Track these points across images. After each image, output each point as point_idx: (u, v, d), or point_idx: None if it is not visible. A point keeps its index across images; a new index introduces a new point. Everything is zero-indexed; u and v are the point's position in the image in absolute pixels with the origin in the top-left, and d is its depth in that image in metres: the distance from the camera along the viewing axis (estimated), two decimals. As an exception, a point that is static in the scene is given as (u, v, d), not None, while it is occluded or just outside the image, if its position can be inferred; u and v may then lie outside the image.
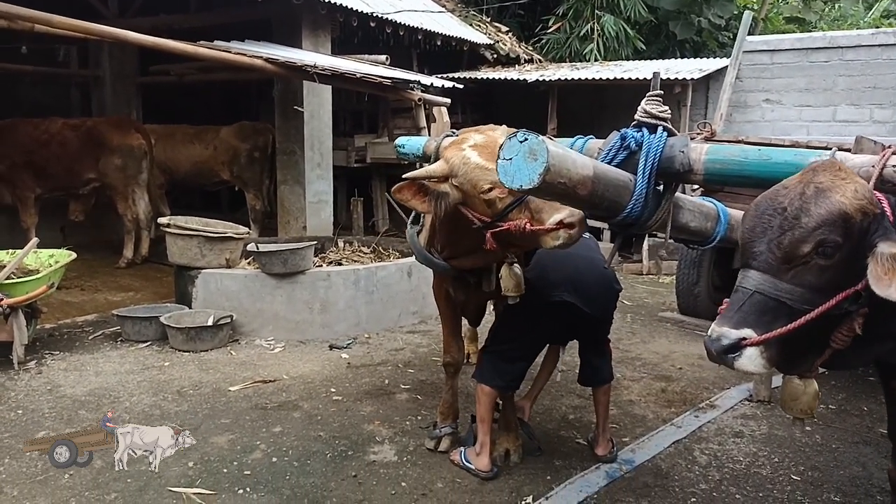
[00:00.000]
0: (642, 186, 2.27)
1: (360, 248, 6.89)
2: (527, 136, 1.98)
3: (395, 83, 6.81)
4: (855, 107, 9.17)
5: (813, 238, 1.76)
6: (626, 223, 2.35)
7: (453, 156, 2.85)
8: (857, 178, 1.83)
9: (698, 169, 2.29)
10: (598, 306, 3.36)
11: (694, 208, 2.63)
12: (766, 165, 2.16)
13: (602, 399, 3.64)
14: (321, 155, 8.08)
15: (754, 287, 1.80)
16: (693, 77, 9.20)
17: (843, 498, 3.28)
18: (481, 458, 3.39)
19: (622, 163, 2.37)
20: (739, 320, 1.78)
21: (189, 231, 5.56)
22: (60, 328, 5.59)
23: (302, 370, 4.82)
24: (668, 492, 3.30)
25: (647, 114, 2.41)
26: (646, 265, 8.55)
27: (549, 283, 3.26)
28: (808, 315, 1.74)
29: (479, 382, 3.44)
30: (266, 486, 3.25)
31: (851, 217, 1.75)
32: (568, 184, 2.03)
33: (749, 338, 1.75)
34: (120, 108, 9.22)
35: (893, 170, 1.89)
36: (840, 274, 1.77)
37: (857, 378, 4.84)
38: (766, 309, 1.77)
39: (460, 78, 10.22)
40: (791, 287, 1.77)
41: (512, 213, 2.72)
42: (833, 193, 1.78)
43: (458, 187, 2.85)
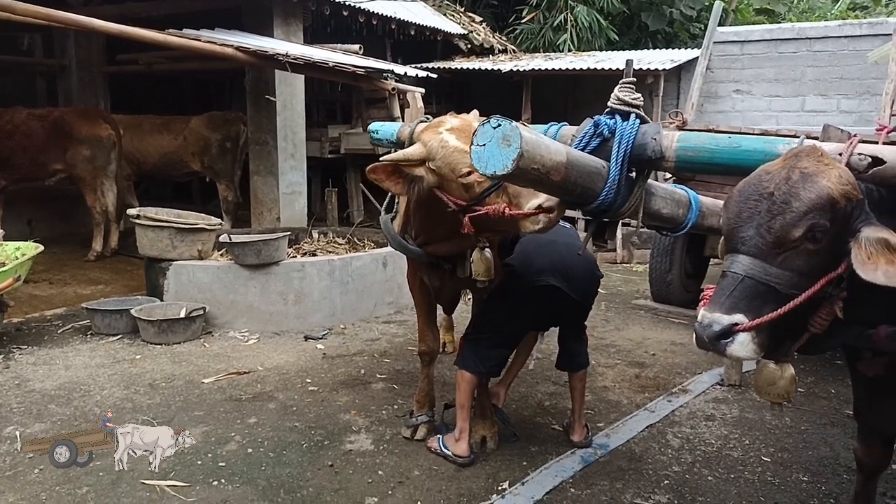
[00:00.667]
0: (615, 173, 2.28)
1: (334, 239, 6.85)
2: (500, 121, 1.98)
3: (368, 73, 6.76)
4: (823, 97, 9.34)
5: (804, 223, 1.76)
6: (599, 210, 2.36)
7: (431, 139, 2.85)
8: (839, 165, 1.86)
9: (670, 156, 2.31)
10: (582, 290, 3.42)
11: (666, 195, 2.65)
12: (736, 153, 2.19)
13: (578, 385, 3.68)
14: (294, 145, 8.01)
15: (744, 272, 1.78)
16: (665, 67, 9.29)
17: (811, 478, 3.35)
18: (460, 444, 3.41)
19: (595, 150, 2.38)
20: (731, 305, 1.76)
21: (159, 222, 5.48)
22: (28, 322, 5.48)
23: (277, 361, 4.79)
24: (641, 475, 3.34)
25: (619, 101, 2.43)
26: (619, 254, 8.63)
27: (535, 269, 3.30)
28: (798, 299, 1.74)
29: (462, 369, 3.46)
30: (241, 477, 3.23)
31: (838, 202, 1.77)
32: (541, 170, 2.03)
33: (741, 323, 1.73)
34: (87, 98, 9.03)
35: (859, 158, 1.93)
36: (825, 258, 1.79)
37: (825, 362, 4.95)
38: (757, 294, 1.76)
39: (434, 68, 10.18)
40: (780, 272, 1.77)
41: (490, 198, 2.72)
42: (819, 178, 1.79)
43: (434, 171, 2.85)
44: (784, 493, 3.21)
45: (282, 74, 7.33)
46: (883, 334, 1.96)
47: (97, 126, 7.57)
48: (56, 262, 7.39)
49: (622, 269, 8.25)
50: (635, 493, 3.16)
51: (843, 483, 3.28)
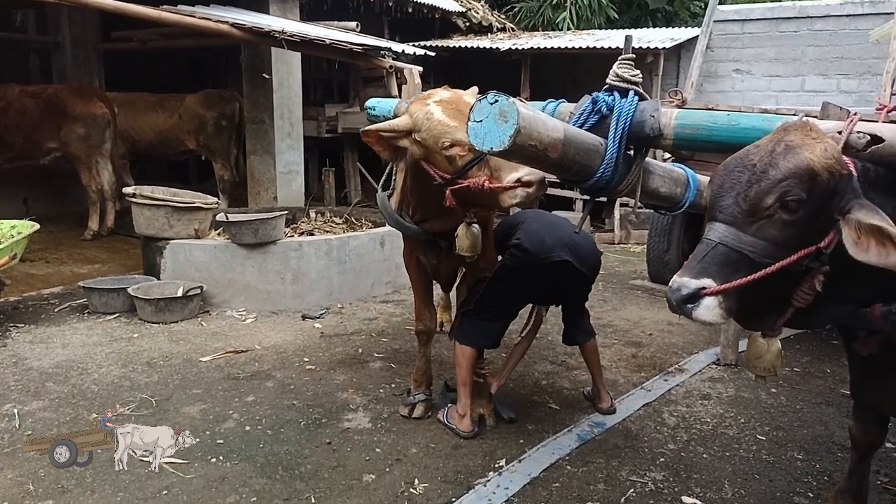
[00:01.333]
0: (613, 150, 2.27)
1: (332, 219, 6.83)
2: (497, 97, 1.97)
3: (365, 50, 6.70)
4: (823, 77, 9.29)
5: (777, 190, 1.77)
6: (596, 187, 2.35)
7: (417, 111, 2.88)
8: (828, 139, 1.85)
9: (668, 134, 2.29)
10: (590, 266, 3.53)
11: (664, 174, 2.64)
12: (734, 130, 2.17)
13: (592, 357, 3.81)
14: (291, 124, 7.95)
15: (718, 239, 1.80)
16: (665, 46, 9.21)
17: (805, 456, 3.38)
18: (464, 420, 3.48)
19: (593, 127, 2.36)
20: (700, 270, 1.78)
21: (156, 201, 5.45)
22: (25, 301, 5.47)
23: (274, 340, 4.79)
24: (637, 452, 3.37)
25: (618, 77, 2.40)
26: (617, 234, 8.62)
27: (548, 246, 3.37)
28: (769, 269, 1.74)
29: (461, 343, 3.49)
30: (239, 454, 3.24)
31: (818, 174, 1.76)
32: (538, 146, 2.02)
33: (709, 287, 1.74)
34: (81, 76, 8.93)
35: (858, 136, 1.92)
36: (803, 231, 1.79)
37: (821, 342, 4.97)
38: (728, 261, 1.77)
39: (432, 46, 10.08)
40: (754, 240, 1.78)
41: (472, 171, 2.75)
42: (802, 150, 1.79)
43: (420, 143, 2.88)
44: (779, 470, 3.23)
45: (278, 52, 7.27)
46: (878, 313, 1.96)
47: (92, 104, 7.50)
48: (52, 241, 7.37)
49: (620, 249, 8.25)
50: (631, 471, 3.19)
51: (837, 461, 3.30)
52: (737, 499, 2.98)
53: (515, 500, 2.93)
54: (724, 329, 4.52)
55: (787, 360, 4.62)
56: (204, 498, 2.88)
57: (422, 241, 3.41)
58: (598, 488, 3.04)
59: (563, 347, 4.72)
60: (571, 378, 4.27)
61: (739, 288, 1.74)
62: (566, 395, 4.02)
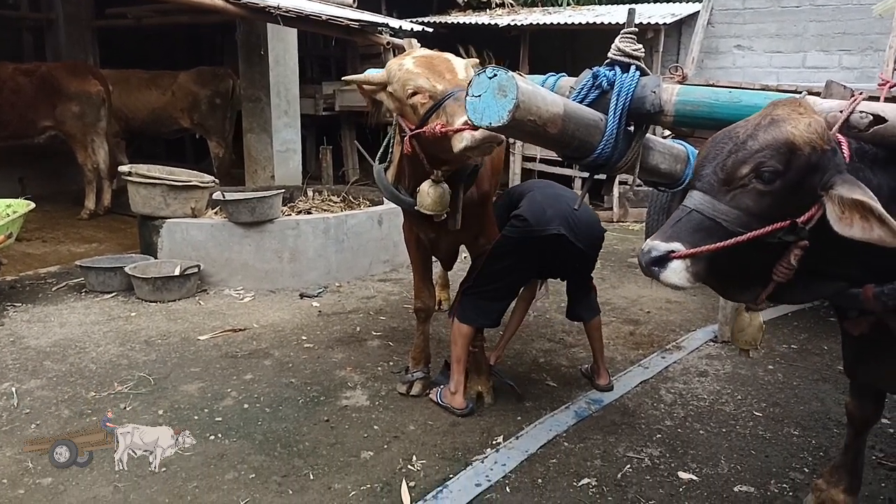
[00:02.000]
0: (613, 126, 2.23)
1: (329, 198, 6.80)
2: (496, 71, 1.93)
3: (362, 26, 6.63)
4: (825, 53, 9.20)
5: (753, 160, 1.78)
6: (596, 164, 2.32)
7: (393, 64, 2.93)
8: (816, 116, 1.83)
9: (669, 110, 2.26)
10: (588, 241, 3.48)
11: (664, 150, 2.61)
12: (736, 108, 2.14)
13: (594, 333, 3.81)
14: (288, 102, 7.88)
15: (693, 206, 1.82)
16: (665, 22, 9.11)
17: (801, 432, 3.39)
18: (456, 397, 3.48)
19: (594, 102, 2.32)
20: (672, 235, 1.80)
21: (152, 179, 5.41)
22: (22, 280, 5.46)
23: (272, 319, 4.79)
24: (634, 429, 3.38)
25: (620, 52, 2.35)
26: (616, 212, 8.60)
27: (546, 219, 3.33)
28: (738, 238, 1.75)
29: (461, 322, 3.48)
30: (238, 431, 3.26)
31: (798, 148, 1.77)
32: (538, 122, 1.99)
33: (677, 251, 1.76)
34: (75, 54, 8.85)
35: (860, 116, 1.89)
36: (780, 203, 1.79)
37: (818, 319, 4.98)
38: (701, 227, 1.79)
39: (430, 22, 9.98)
40: (728, 209, 1.79)
41: (431, 119, 2.77)
42: (785, 124, 1.80)
43: (392, 95, 2.93)
44: (775, 446, 3.25)
45: (274, 28, 7.18)
46: (870, 294, 1.94)
47: (86, 82, 7.44)
48: (49, 220, 7.35)
49: (618, 227, 8.24)
50: (628, 447, 3.20)
51: (833, 437, 3.32)
52: (733, 474, 3.00)
53: (513, 476, 2.94)
54: (721, 307, 4.52)
55: (785, 336, 4.63)
56: (203, 475, 2.90)
57: (418, 214, 3.39)
58: (595, 464, 3.05)
59: (561, 325, 4.73)
60: (569, 356, 4.28)
61: (709, 254, 1.75)
62: (564, 372, 4.03)
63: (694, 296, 5.51)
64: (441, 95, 2.73)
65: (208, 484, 2.83)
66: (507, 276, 3.49)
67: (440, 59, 2.89)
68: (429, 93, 2.78)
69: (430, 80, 2.78)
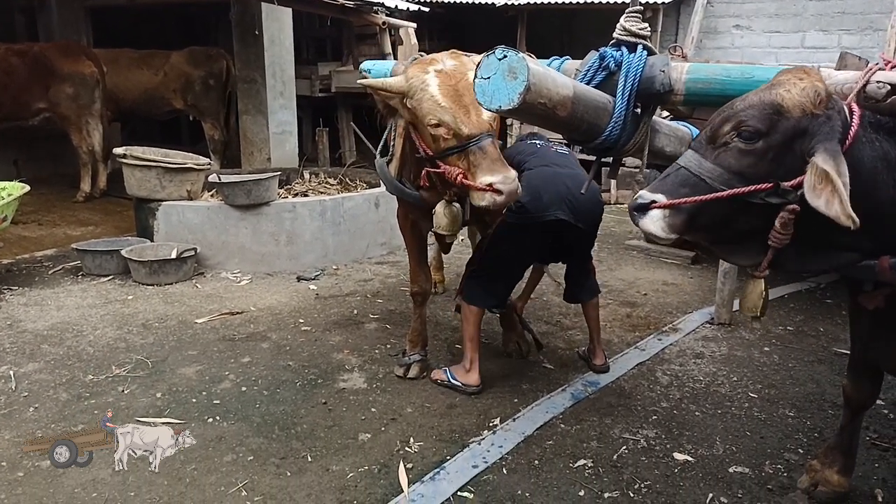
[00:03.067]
0: (622, 108, 2.20)
1: (326, 180, 6.77)
2: (506, 52, 1.88)
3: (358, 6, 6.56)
4: (824, 32, 9.14)
5: (735, 118, 1.83)
6: (604, 147, 2.29)
7: (415, 76, 2.79)
8: (818, 82, 1.83)
9: (679, 89, 2.22)
10: (589, 221, 3.46)
11: (670, 132, 2.58)
12: (748, 83, 2.08)
13: (592, 314, 3.82)
14: (283, 83, 7.82)
15: (684, 163, 1.90)
16: (664, 1, 9.03)
17: (797, 413, 3.41)
18: (471, 374, 3.50)
19: (601, 84, 2.28)
20: (658, 187, 1.90)
21: (147, 162, 5.38)
22: (18, 263, 5.44)
23: (269, 302, 4.79)
24: (630, 410, 3.40)
25: (626, 31, 2.31)
26: (613, 194, 8.58)
27: (544, 204, 3.31)
28: (715, 194, 1.81)
29: (469, 304, 3.51)
30: (236, 414, 3.27)
31: (786, 110, 1.79)
32: (548, 104, 1.95)
33: (659, 202, 1.86)
34: (68, 34, 8.73)
35: (877, 86, 1.87)
36: (764, 163, 1.82)
37: (814, 301, 4.99)
38: (687, 183, 1.86)
39: (427, 2, 9.87)
40: (713, 167, 1.85)
41: (451, 158, 2.70)
42: (779, 87, 1.83)
43: (410, 109, 2.81)
44: (770, 427, 3.27)
45: (268, 8, 7.10)
46: (886, 265, 1.92)
47: (80, 62, 7.36)
48: (44, 203, 7.31)
49: (616, 209, 8.22)
50: (623, 429, 3.22)
51: (828, 418, 3.34)
52: (728, 455, 3.02)
53: (509, 457, 2.96)
54: (718, 289, 4.52)
55: (781, 318, 4.64)
56: (201, 457, 2.91)
57: (416, 204, 3.37)
58: (591, 445, 3.07)
59: (558, 307, 4.74)
60: (566, 338, 4.29)
61: (689, 209, 1.83)
62: (560, 354, 4.05)
63: (691, 278, 5.52)
64: (466, 139, 2.65)
65: (207, 466, 2.85)
66: (510, 261, 3.52)
67: (466, 85, 2.68)
68: (454, 132, 2.67)
69: (456, 118, 2.66)
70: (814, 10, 9.11)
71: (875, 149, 1.85)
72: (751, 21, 9.53)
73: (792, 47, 9.28)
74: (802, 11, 9.19)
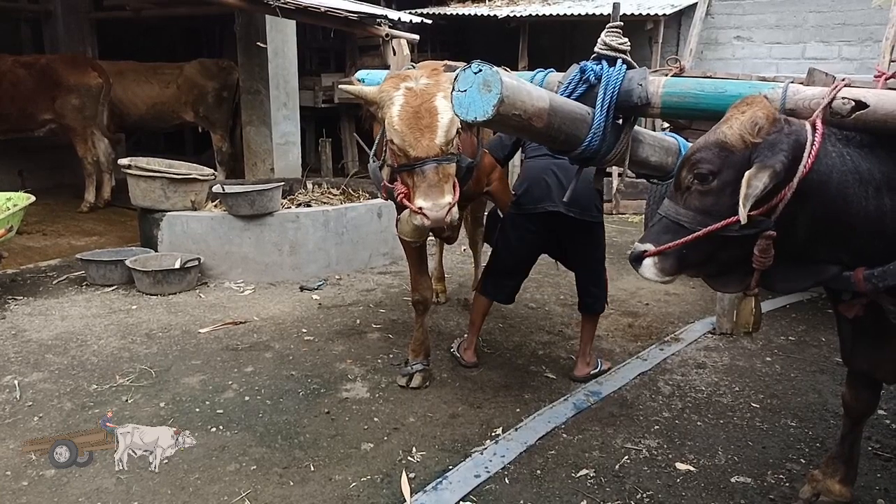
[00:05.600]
0: (600, 119, 2.27)
1: (329, 190, 6.80)
2: (481, 67, 1.97)
3: (361, 18, 6.62)
4: (824, 44, 9.19)
5: (689, 163, 1.97)
6: (584, 156, 2.35)
7: (385, 91, 2.93)
8: (759, 111, 1.91)
9: (656, 102, 2.29)
10: (581, 207, 3.50)
11: (654, 142, 2.63)
12: (721, 98, 2.18)
13: (586, 325, 3.89)
14: (287, 94, 7.86)
15: (663, 212, 2.07)
16: (665, 13, 9.08)
17: (798, 423, 3.42)
18: (468, 352, 3.96)
19: (582, 96, 2.35)
20: (646, 237, 2.09)
21: (151, 172, 5.42)
22: (23, 273, 5.48)
23: (273, 311, 4.81)
24: (632, 420, 3.40)
25: (606, 46, 2.39)
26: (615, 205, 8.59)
27: (535, 198, 3.50)
28: (694, 234, 1.93)
29: (480, 294, 3.93)
30: (239, 423, 3.28)
31: (730, 145, 1.91)
32: (523, 116, 2.02)
33: (648, 250, 2.04)
34: (74, 46, 8.81)
35: (842, 102, 1.92)
36: (726, 199, 1.92)
37: (816, 311, 4.99)
38: (668, 229, 2.02)
39: (429, 14, 9.95)
40: (685, 211, 1.99)
41: (403, 175, 2.91)
42: (723, 125, 1.95)
43: (379, 119, 3.01)
44: (772, 437, 3.27)
45: (273, 20, 7.16)
46: (860, 276, 1.99)
47: (86, 74, 7.43)
48: (49, 213, 7.36)
49: (617, 219, 8.24)
50: (626, 438, 3.22)
51: (829, 428, 3.34)
52: (730, 465, 3.03)
53: (512, 467, 2.97)
54: (719, 298, 4.53)
55: (783, 328, 4.65)
56: (204, 466, 2.92)
57: None
58: (594, 455, 3.08)
59: (560, 317, 4.76)
60: (568, 348, 4.30)
61: (676, 251, 1.99)
62: (563, 364, 4.05)
63: (693, 288, 5.53)
64: (413, 161, 2.83)
65: (210, 475, 2.86)
66: (517, 252, 3.74)
67: (429, 107, 2.82)
68: (403, 153, 2.86)
69: (404, 141, 2.82)
70: (814, 22, 9.16)
71: (845, 163, 1.92)
72: (752, 32, 9.58)
73: (793, 58, 9.32)
74: (803, 23, 9.24)
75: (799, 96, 2.02)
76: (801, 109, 2.01)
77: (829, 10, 9.03)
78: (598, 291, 3.82)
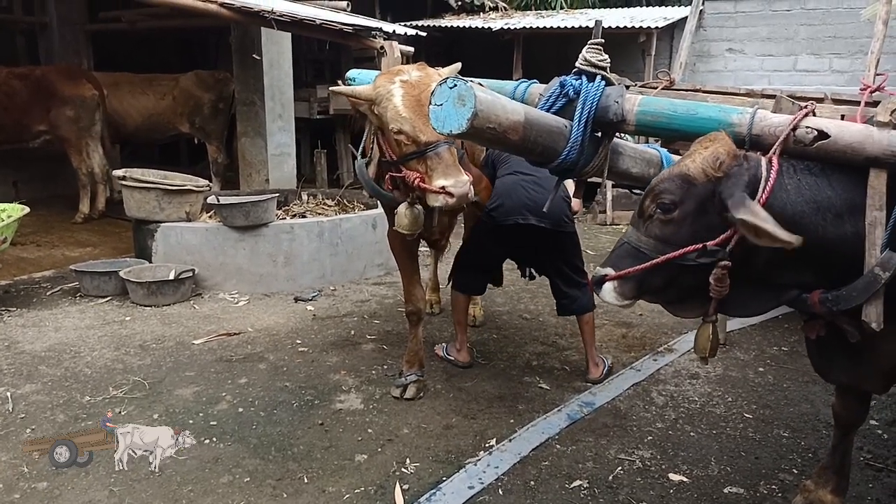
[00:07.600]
0: (577, 134, 2.31)
1: (324, 201, 6.81)
2: (456, 81, 2.02)
3: (356, 30, 6.64)
4: (815, 56, 9.28)
5: (652, 193, 2.04)
6: (562, 168, 2.39)
7: (382, 86, 2.98)
8: (720, 147, 1.98)
9: (630, 120, 2.34)
10: (551, 219, 3.67)
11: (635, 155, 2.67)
12: (692, 120, 2.22)
13: (585, 328, 3.97)
14: (282, 106, 7.89)
15: (626, 238, 2.14)
16: (658, 26, 9.16)
17: (791, 433, 3.43)
18: (461, 353, 4.10)
19: (561, 110, 2.39)
20: (608, 261, 2.15)
21: (146, 184, 5.43)
22: (17, 284, 5.47)
23: (267, 323, 4.81)
24: (625, 431, 3.41)
25: (586, 62, 2.44)
26: (609, 215, 8.64)
27: (505, 211, 3.71)
28: (652, 262, 2.01)
29: (456, 291, 4.08)
30: (233, 435, 3.27)
31: (693, 178, 1.98)
32: (498, 129, 2.06)
33: (608, 275, 2.10)
34: (69, 58, 8.82)
35: (806, 131, 1.96)
36: (685, 229, 2.00)
37: (808, 321, 5.01)
38: (629, 255, 2.09)
39: (424, 26, 10.00)
40: (646, 239, 2.06)
41: (411, 163, 2.94)
42: (687, 158, 2.03)
43: (377, 115, 3.03)
44: (765, 447, 3.29)
45: (268, 32, 7.20)
46: (816, 299, 2.04)
47: (81, 85, 7.43)
48: (43, 224, 7.34)
49: (612, 230, 8.28)
50: (619, 449, 3.23)
51: (822, 438, 3.36)
52: (723, 475, 3.04)
53: (505, 478, 2.97)
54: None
55: (775, 339, 4.67)
56: (198, 478, 2.91)
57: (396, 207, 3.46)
58: (587, 466, 3.08)
59: (554, 328, 4.77)
60: (562, 358, 4.31)
61: (636, 276, 2.06)
62: (556, 375, 4.07)
63: (686, 298, 5.54)
64: (424, 146, 2.87)
65: (203, 488, 2.85)
66: (484, 255, 4.01)
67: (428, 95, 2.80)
68: (413, 139, 2.89)
69: (415, 127, 2.87)
70: (805, 35, 9.25)
71: (801, 194, 1.96)
72: (743, 45, 9.67)
73: (784, 70, 9.41)
74: (794, 35, 9.33)
75: (765, 123, 2.08)
76: (766, 136, 2.06)
77: (820, 23, 9.13)
78: (574, 293, 3.93)
